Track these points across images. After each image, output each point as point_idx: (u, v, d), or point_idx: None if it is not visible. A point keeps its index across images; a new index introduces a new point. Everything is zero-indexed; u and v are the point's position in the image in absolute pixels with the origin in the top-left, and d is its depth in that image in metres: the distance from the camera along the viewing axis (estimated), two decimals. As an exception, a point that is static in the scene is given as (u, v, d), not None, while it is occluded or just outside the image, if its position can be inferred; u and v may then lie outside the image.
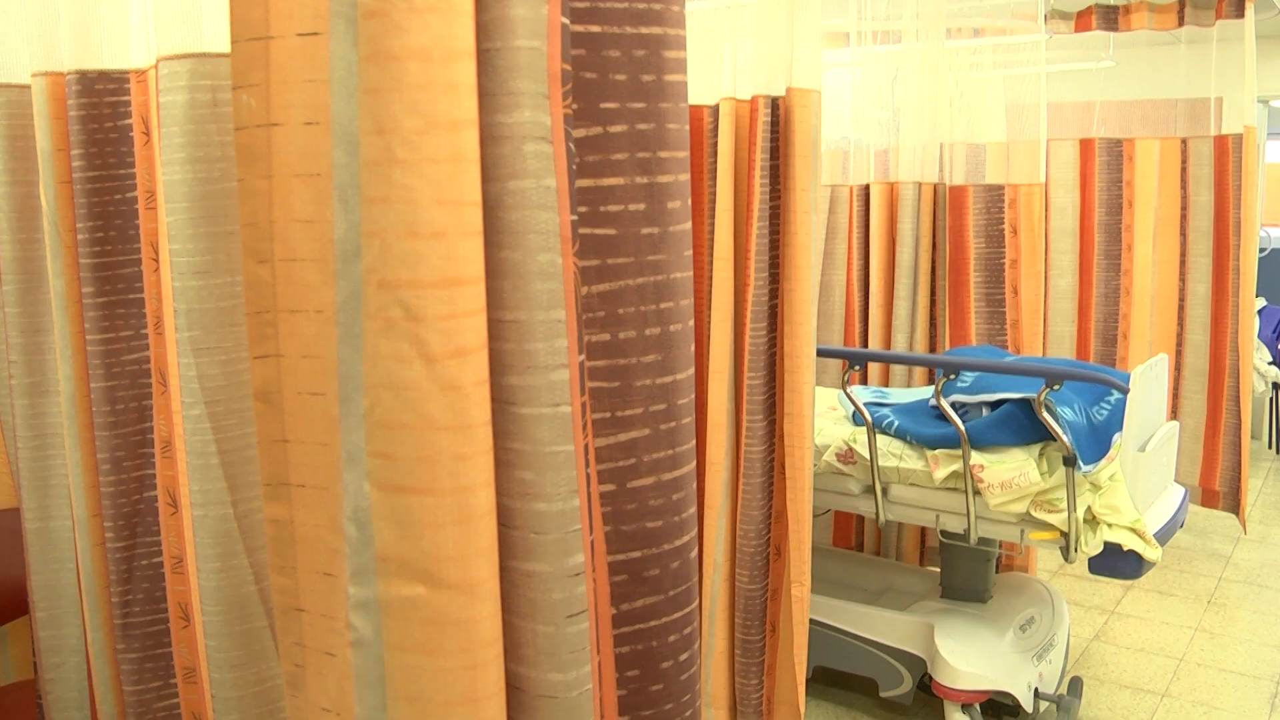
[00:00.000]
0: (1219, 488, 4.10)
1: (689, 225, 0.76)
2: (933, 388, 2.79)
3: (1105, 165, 4.15)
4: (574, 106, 0.71)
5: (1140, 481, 2.34)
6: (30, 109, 1.70)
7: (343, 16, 0.63)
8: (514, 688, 0.69)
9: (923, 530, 3.31)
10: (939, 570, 2.82)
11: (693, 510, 0.80)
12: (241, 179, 0.68)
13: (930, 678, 2.52)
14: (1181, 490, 2.60)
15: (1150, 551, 2.22)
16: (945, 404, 2.35)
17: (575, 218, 0.71)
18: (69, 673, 1.84)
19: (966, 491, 2.34)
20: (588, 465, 0.74)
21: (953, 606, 2.64)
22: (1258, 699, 2.83)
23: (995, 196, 3.23)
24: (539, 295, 0.69)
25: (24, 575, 2.19)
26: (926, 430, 2.43)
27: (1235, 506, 4.03)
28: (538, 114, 0.68)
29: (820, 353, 2.37)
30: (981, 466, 2.30)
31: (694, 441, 0.79)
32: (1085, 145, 4.16)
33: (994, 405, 2.38)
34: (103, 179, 1.55)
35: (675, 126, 0.75)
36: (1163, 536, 2.29)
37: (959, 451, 2.34)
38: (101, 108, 1.53)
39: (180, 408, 1.42)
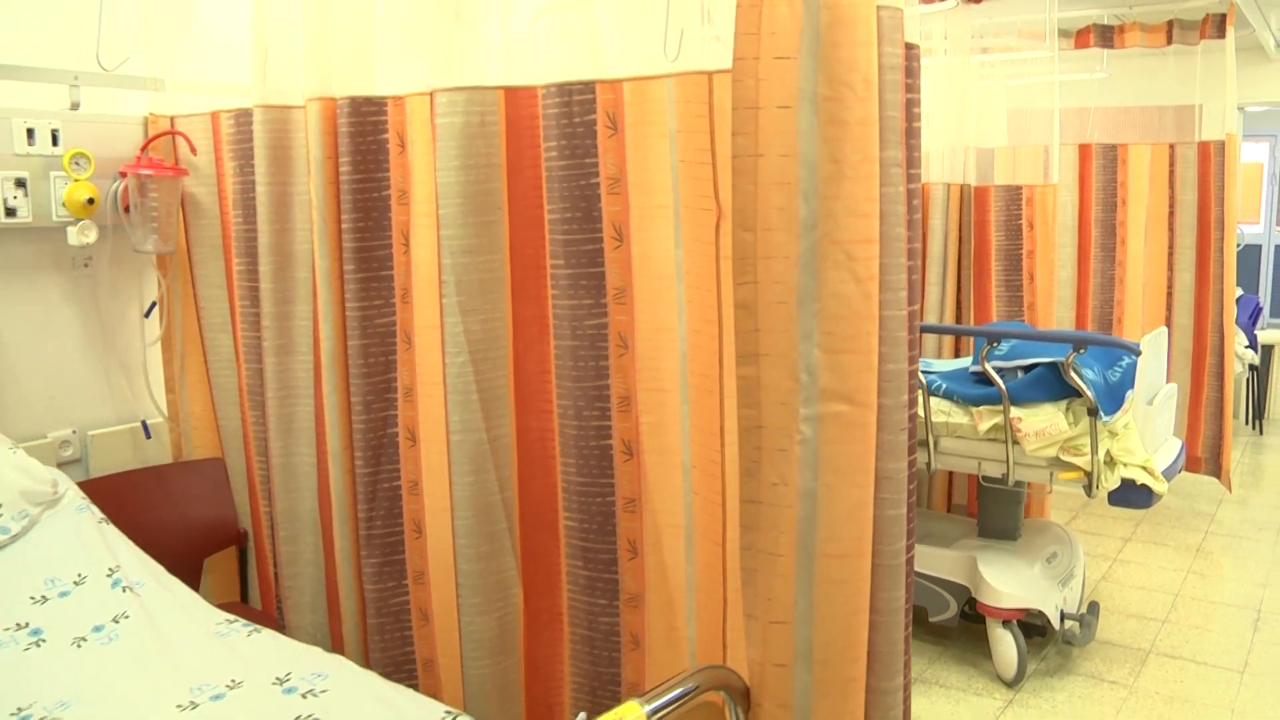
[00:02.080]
0: (1201, 454, 4.60)
1: (919, 215, 1.22)
2: (967, 358, 3.26)
3: (1101, 168, 4.65)
4: None
5: (1148, 430, 2.82)
6: (287, 125, 2.12)
7: (807, 98, 1.10)
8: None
9: (950, 486, 3.78)
10: (969, 518, 3.29)
11: (917, 393, 1.26)
12: (735, 185, 1.15)
13: (971, 606, 2.98)
14: (1179, 442, 3.08)
15: (1158, 485, 2.69)
16: (989, 367, 2.82)
17: (901, 208, 1.17)
18: (304, 581, 2.26)
19: (1006, 441, 2.80)
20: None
21: (989, 544, 3.11)
22: (1242, 623, 3.32)
23: (1014, 195, 3.70)
24: (894, 249, 1.16)
25: (223, 515, 2.60)
26: (971, 390, 2.89)
27: (1216, 470, 4.53)
28: (896, 151, 1.15)
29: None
30: (1019, 419, 2.76)
31: (918, 349, 1.24)
32: (1083, 150, 4.65)
33: (1026, 369, 2.85)
34: (363, 181, 1.97)
35: (917, 154, 1.20)
36: (1167, 475, 2.77)
37: (999, 407, 2.80)
38: (365, 125, 1.95)
39: (444, 357, 1.84)
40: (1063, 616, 2.98)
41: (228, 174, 2.30)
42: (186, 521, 2.56)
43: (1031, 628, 3.12)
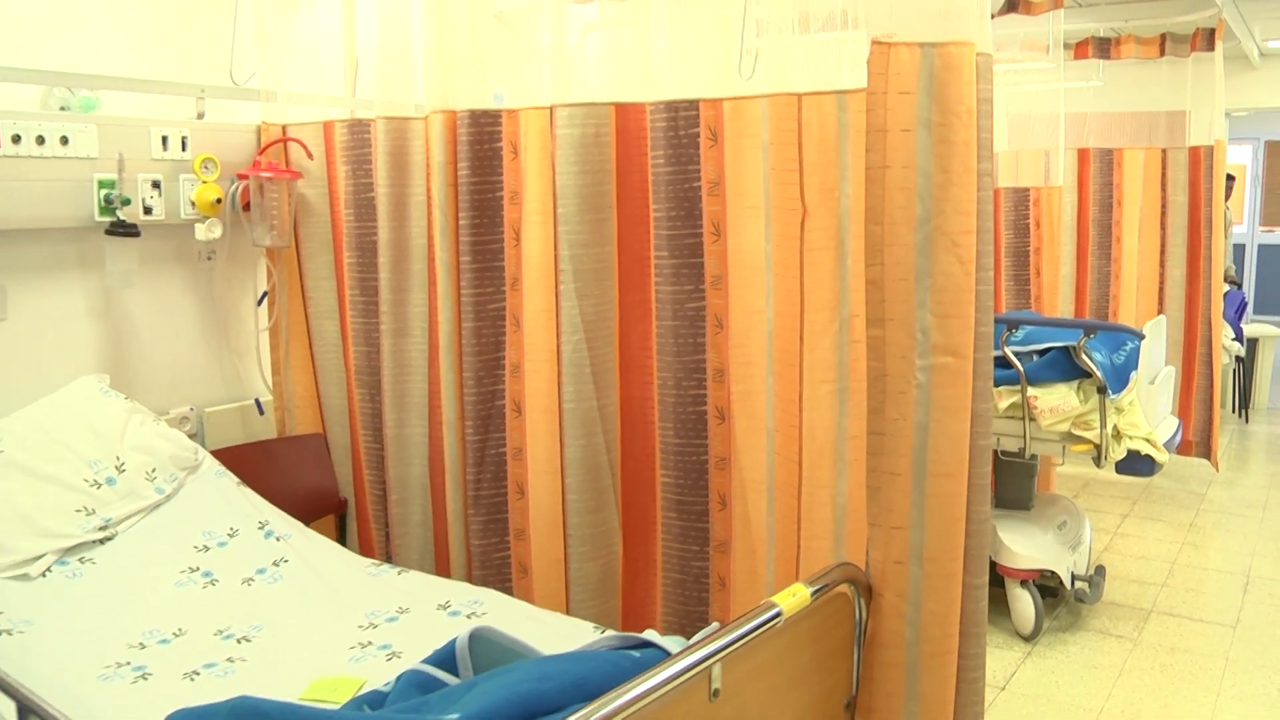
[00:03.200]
0: (1192, 438, 4.93)
1: (991, 207, 1.54)
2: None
3: (1098, 171, 4.98)
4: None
5: (1150, 407, 3.13)
6: (405, 134, 2.40)
7: (924, 124, 1.40)
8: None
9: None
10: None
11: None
12: (867, 191, 1.46)
13: (990, 569, 3.28)
14: (1177, 420, 3.40)
15: (1160, 456, 3.01)
16: (1008, 351, 3.12)
17: (990, 208, 1.49)
18: (413, 540, 2.53)
19: (1024, 417, 3.11)
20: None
21: (1006, 513, 3.42)
22: (1233, 587, 3.64)
23: (1022, 197, 4.02)
24: (986, 239, 1.48)
25: (325, 484, 2.87)
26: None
27: (1207, 453, 4.87)
28: (986, 164, 1.46)
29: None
30: (1035, 397, 3.07)
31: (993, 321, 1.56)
32: (1082, 154, 4.98)
33: (1041, 353, 3.16)
34: (480, 183, 2.25)
35: (994, 168, 1.51)
36: (1167, 447, 3.09)
37: (1017, 387, 3.11)
38: (482, 135, 2.23)
39: (559, 336, 2.12)
40: (1073, 578, 3.29)
41: (340, 177, 2.57)
42: (292, 489, 2.83)
43: (1045, 589, 3.43)
